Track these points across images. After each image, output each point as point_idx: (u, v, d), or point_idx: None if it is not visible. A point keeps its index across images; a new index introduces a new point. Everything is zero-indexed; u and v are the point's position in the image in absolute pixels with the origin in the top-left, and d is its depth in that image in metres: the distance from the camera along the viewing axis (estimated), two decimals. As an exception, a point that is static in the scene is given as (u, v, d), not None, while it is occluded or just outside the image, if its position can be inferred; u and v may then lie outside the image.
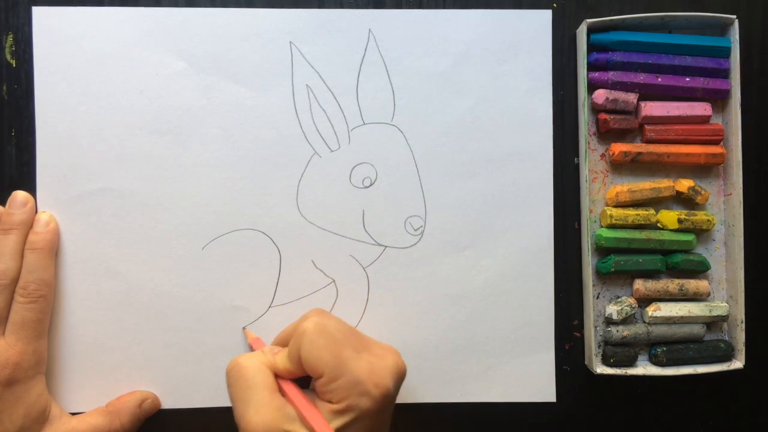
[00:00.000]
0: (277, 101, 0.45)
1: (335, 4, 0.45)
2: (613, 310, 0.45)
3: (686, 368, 0.45)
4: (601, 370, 0.44)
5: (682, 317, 0.45)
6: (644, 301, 0.46)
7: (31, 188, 0.44)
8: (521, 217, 0.46)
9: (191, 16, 0.44)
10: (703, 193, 0.45)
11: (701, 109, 0.45)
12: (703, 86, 0.45)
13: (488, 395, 0.46)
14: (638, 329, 0.45)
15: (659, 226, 0.46)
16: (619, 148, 0.45)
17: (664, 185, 0.45)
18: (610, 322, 0.45)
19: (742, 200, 0.45)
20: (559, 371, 0.46)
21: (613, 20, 0.44)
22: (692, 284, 0.45)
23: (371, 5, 0.45)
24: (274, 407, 0.36)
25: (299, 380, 0.39)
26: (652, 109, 0.45)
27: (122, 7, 0.44)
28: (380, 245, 0.45)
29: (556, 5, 0.46)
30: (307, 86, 0.45)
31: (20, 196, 0.43)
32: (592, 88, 0.45)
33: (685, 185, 0.45)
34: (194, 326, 0.44)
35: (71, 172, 0.44)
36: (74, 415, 0.43)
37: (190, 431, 0.45)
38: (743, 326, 0.45)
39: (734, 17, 0.45)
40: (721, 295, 0.47)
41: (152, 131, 0.44)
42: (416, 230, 0.45)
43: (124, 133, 0.44)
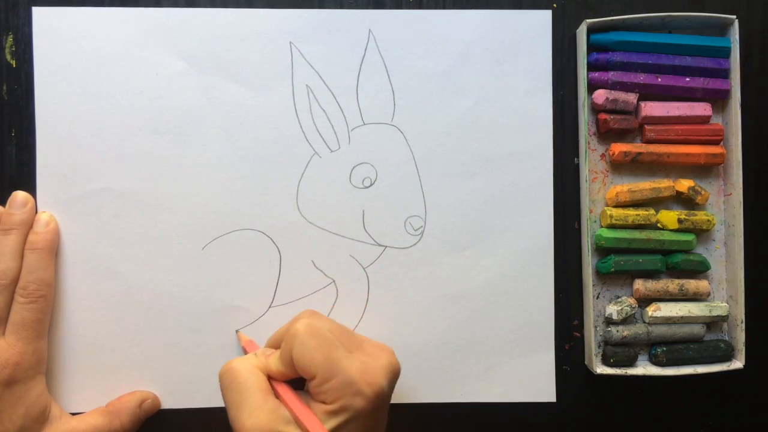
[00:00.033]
0: (277, 101, 0.45)
1: (335, 4, 0.45)
2: (613, 310, 0.45)
3: (686, 368, 0.45)
4: (601, 370, 0.44)
5: (682, 317, 0.45)
6: (644, 301, 0.46)
7: (31, 188, 0.44)
8: (521, 217, 0.46)
9: (191, 16, 0.44)
10: (703, 193, 0.45)
11: (701, 109, 0.45)
12: (703, 86, 0.45)
13: (488, 395, 0.46)
14: (638, 329, 0.45)
15: (659, 226, 0.46)
16: (619, 148, 0.45)
17: (664, 185, 0.45)
18: (610, 322, 0.45)
19: (742, 200, 0.45)
20: (559, 371, 0.46)
21: (613, 20, 0.44)
22: (692, 284, 0.45)
23: (371, 5, 0.45)
24: (268, 410, 0.36)
25: (294, 381, 0.39)
26: (652, 109, 0.45)
27: (122, 7, 0.44)
28: (380, 245, 0.45)
29: (556, 5, 0.46)
30: (307, 86, 0.45)
31: (20, 196, 0.43)
32: (592, 88, 0.45)
33: (685, 185, 0.45)
34: (194, 326, 0.44)
35: (71, 172, 0.44)
36: (74, 415, 0.43)
37: (190, 431, 0.45)
38: (743, 326, 0.45)
39: (734, 17, 0.45)
40: (721, 295, 0.47)
41: (152, 131, 0.44)
42: (416, 230, 0.45)
43: (124, 133, 0.44)
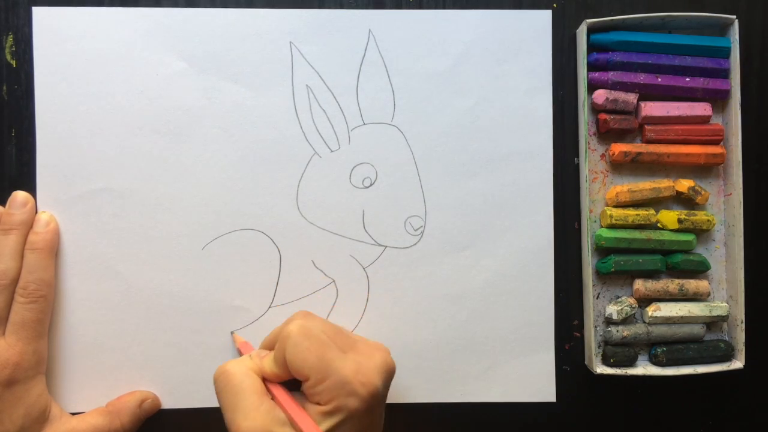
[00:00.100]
0: (277, 101, 0.45)
1: (335, 4, 0.45)
2: (613, 310, 0.45)
3: (686, 368, 0.45)
4: (601, 370, 0.44)
5: (682, 317, 0.45)
6: (644, 301, 0.46)
7: (31, 188, 0.44)
8: (521, 217, 0.46)
9: (191, 16, 0.44)
10: (703, 193, 0.45)
11: (701, 109, 0.45)
12: (703, 86, 0.45)
13: (488, 395, 0.46)
14: (638, 329, 0.45)
15: (659, 226, 0.46)
16: (619, 148, 0.45)
17: (664, 185, 0.45)
18: (610, 322, 0.45)
19: (742, 200, 0.45)
20: (559, 371, 0.46)
21: (613, 20, 0.44)
22: (692, 284, 0.45)
23: (371, 5, 0.45)
24: (263, 411, 0.36)
25: (289, 382, 0.39)
26: (652, 109, 0.45)
27: (122, 7, 0.44)
28: (380, 245, 0.45)
29: (556, 5, 0.46)
30: (307, 86, 0.45)
31: (20, 196, 0.43)
32: (592, 88, 0.45)
33: (685, 185, 0.45)
34: (194, 326, 0.44)
35: (71, 172, 0.44)
36: (74, 415, 0.43)
37: (190, 431, 0.45)
38: (743, 326, 0.45)
39: (734, 17, 0.45)
40: (721, 295, 0.47)
41: (152, 131, 0.44)
42: (416, 230, 0.45)
43: (124, 133, 0.44)
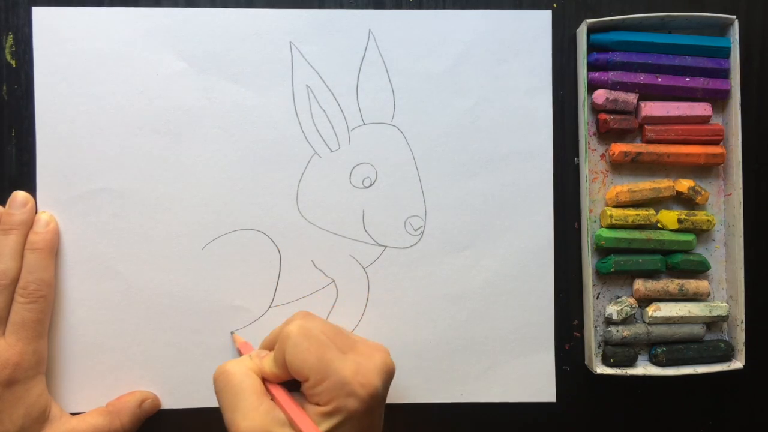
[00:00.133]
0: (277, 101, 0.45)
1: (335, 4, 0.45)
2: (613, 310, 0.45)
3: (686, 368, 0.45)
4: (601, 370, 0.44)
5: (682, 317, 0.45)
6: (644, 301, 0.46)
7: (31, 188, 0.44)
8: (521, 217, 0.46)
9: (191, 16, 0.44)
10: (703, 193, 0.45)
11: (701, 109, 0.45)
12: (703, 86, 0.45)
13: (488, 395, 0.46)
14: (638, 329, 0.45)
15: (659, 226, 0.46)
16: (619, 148, 0.45)
17: (664, 185, 0.45)
18: (610, 322, 0.45)
19: (742, 200, 0.45)
20: (559, 371, 0.46)
21: (613, 20, 0.44)
22: (692, 284, 0.45)
23: (371, 5, 0.45)
24: (262, 412, 0.36)
25: (289, 383, 0.39)
26: (652, 109, 0.45)
27: (122, 7, 0.44)
28: (380, 245, 0.45)
29: (556, 5, 0.46)
30: (307, 86, 0.45)
31: (20, 196, 0.43)
32: (592, 88, 0.45)
33: (685, 185, 0.45)
34: (194, 326, 0.44)
35: (71, 172, 0.44)
36: (74, 415, 0.43)
37: (190, 431, 0.45)
38: (743, 326, 0.45)
39: (734, 17, 0.45)
40: (721, 295, 0.47)
41: (152, 131, 0.44)
42: (416, 230, 0.45)
43: (124, 133, 0.44)
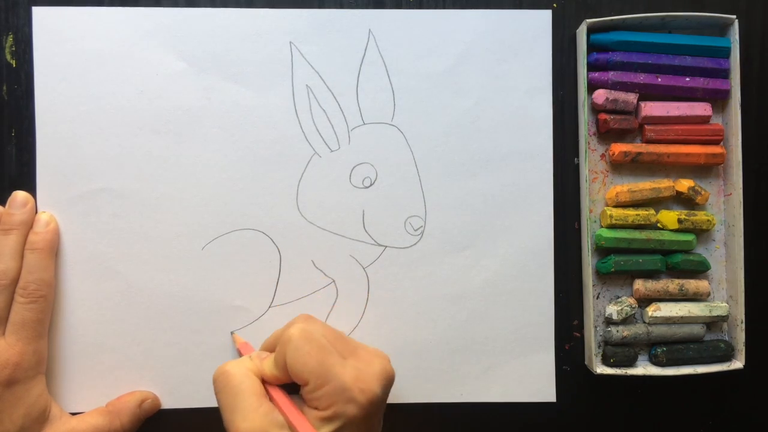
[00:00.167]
0: (277, 101, 0.45)
1: (335, 4, 0.45)
2: (613, 310, 0.45)
3: (686, 368, 0.45)
4: (601, 370, 0.44)
5: (682, 317, 0.45)
6: (644, 301, 0.46)
7: (31, 188, 0.44)
8: (521, 217, 0.46)
9: (191, 16, 0.44)
10: (703, 193, 0.45)
11: (701, 109, 0.45)
12: (703, 86, 0.45)
13: (488, 395, 0.46)
14: (638, 329, 0.45)
15: (659, 226, 0.46)
16: (619, 148, 0.45)
17: (664, 185, 0.45)
18: (610, 322, 0.45)
19: (742, 200, 0.45)
20: (559, 371, 0.46)
21: (613, 20, 0.44)
22: (692, 284, 0.45)
23: (371, 5, 0.45)
24: (261, 413, 0.36)
25: (288, 386, 0.38)
26: (652, 109, 0.45)
27: (122, 7, 0.44)
28: (380, 245, 0.45)
29: (556, 5, 0.46)
30: (307, 86, 0.45)
31: (20, 196, 0.43)
32: (592, 88, 0.45)
33: (685, 185, 0.45)
34: (194, 326, 0.44)
35: (71, 172, 0.44)
36: (74, 415, 0.43)
37: (190, 431, 0.45)
38: (743, 326, 0.45)
39: (734, 17, 0.45)
40: (721, 295, 0.47)
41: (152, 131, 0.44)
42: (416, 230, 0.45)
43: (124, 133, 0.44)
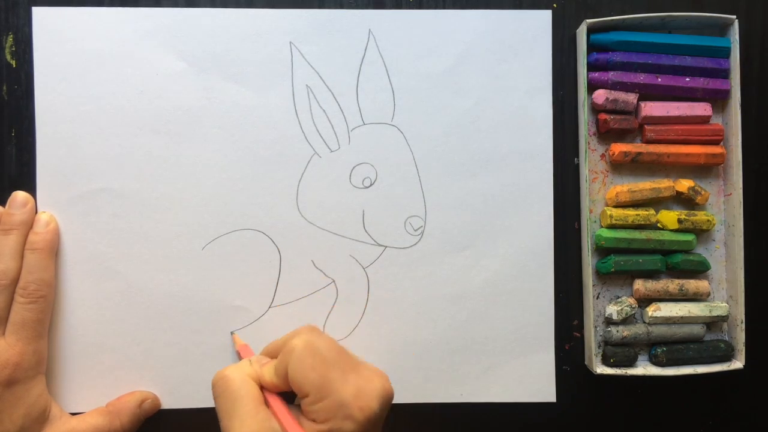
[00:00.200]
0: (277, 101, 0.45)
1: (335, 4, 0.45)
2: (613, 310, 0.45)
3: (686, 368, 0.45)
4: (601, 370, 0.44)
5: (682, 317, 0.45)
6: (644, 301, 0.46)
7: (31, 188, 0.44)
8: (521, 217, 0.46)
9: (191, 16, 0.44)
10: (703, 193, 0.45)
11: (701, 109, 0.45)
12: (703, 86, 0.45)
13: (488, 395, 0.46)
14: (638, 329, 0.45)
15: (659, 226, 0.46)
16: (619, 148, 0.45)
17: (664, 185, 0.45)
18: (610, 322, 0.45)
19: (742, 200, 0.45)
20: (559, 371, 0.46)
21: (613, 20, 0.44)
22: (692, 284, 0.45)
23: (371, 5, 0.45)
24: (259, 420, 0.36)
25: (285, 394, 0.38)
26: (652, 109, 0.45)
27: (122, 7, 0.44)
28: (380, 245, 0.45)
29: (556, 5, 0.46)
30: (307, 86, 0.45)
31: (20, 196, 0.43)
32: (592, 88, 0.45)
33: (685, 185, 0.45)
34: (194, 326, 0.44)
35: (71, 172, 0.44)
36: (74, 415, 0.43)
37: (190, 431, 0.45)
38: (743, 326, 0.45)
39: (734, 17, 0.45)
40: (721, 295, 0.47)
41: (152, 131, 0.44)
42: (416, 230, 0.45)
43: (124, 133, 0.44)
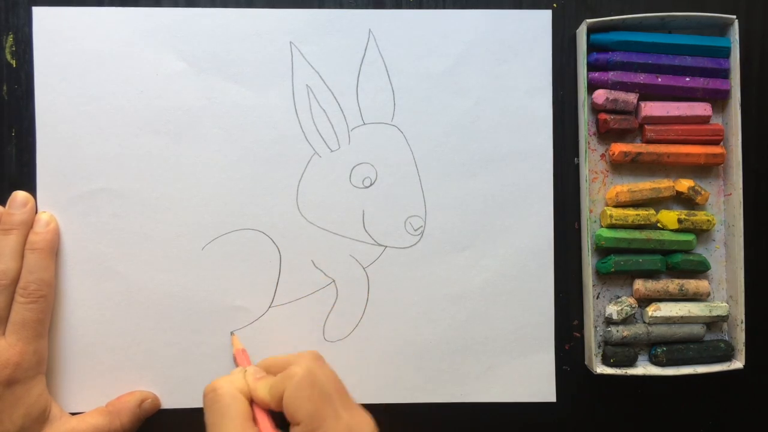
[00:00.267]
0: (277, 101, 0.45)
1: (335, 4, 0.45)
2: (613, 310, 0.45)
3: (686, 368, 0.45)
4: (601, 370, 0.44)
5: (682, 317, 0.45)
6: (644, 301, 0.46)
7: (31, 188, 0.44)
8: (521, 217, 0.46)
9: (191, 16, 0.44)
10: (703, 193, 0.45)
11: (701, 109, 0.45)
12: (703, 86, 0.45)
13: (488, 395, 0.46)
14: (638, 329, 0.45)
15: (659, 226, 0.46)
16: (619, 148, 0.45)
17: (664, 185, 0.45)
18: (610, 322, 0.45)
19: (742, 200, 0.45)
20: (559, 371, 0.46)
21: (613, 20, 0.44)
22: (692, 284, 0.45)
23: (371, 5, 0.45)
24: None
25: (274, 413, 0.38)
26: (652, 109, 0.45)
27: (122, 7, 0.44)
28: (380, 245, 0.45)
29: (556, 5, 0.46)
30: (307, 86, 0.45)
31: (20, 196, 0.43)
32: (592, 88, 0.45)
33: (685, 185, 0.45)
34: (194, 326, 0.44)
35: (71, 172, 0.44)
36: (74, 415, 0.43)
37: (190, 431, 0.45)
38: (743, 326, 0.45)
39: (734, 17, 0.45)
40: (721, 295, 0.47)
41: (152, 131, 0.44)
42: (416, 230, 0.45)
43: (124, 133, 0.44)
